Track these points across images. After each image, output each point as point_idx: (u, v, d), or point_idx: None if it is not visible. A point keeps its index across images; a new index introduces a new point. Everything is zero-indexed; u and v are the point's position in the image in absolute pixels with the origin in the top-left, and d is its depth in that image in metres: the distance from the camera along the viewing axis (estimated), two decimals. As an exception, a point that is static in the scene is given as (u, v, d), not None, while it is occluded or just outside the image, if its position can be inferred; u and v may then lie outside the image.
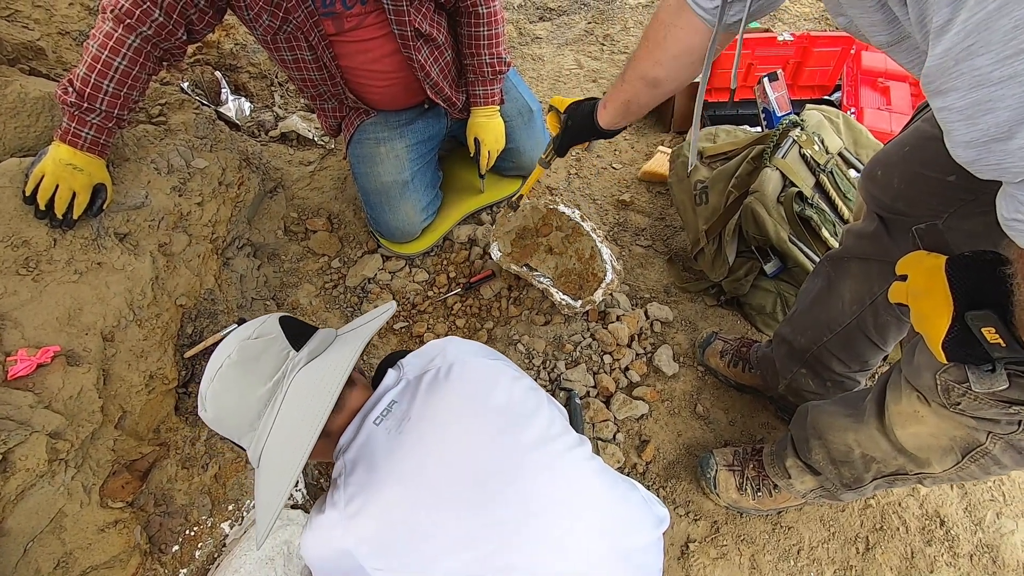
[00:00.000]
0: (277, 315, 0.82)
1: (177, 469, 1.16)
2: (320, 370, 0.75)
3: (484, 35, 1.51)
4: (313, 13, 1.30)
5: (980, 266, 0.62)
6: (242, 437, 0.76)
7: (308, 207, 1.83)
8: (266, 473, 0.73)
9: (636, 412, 1.38)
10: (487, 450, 0.75)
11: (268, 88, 2.19)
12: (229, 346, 0.77)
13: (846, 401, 1.01)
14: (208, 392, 0.75)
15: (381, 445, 0.74)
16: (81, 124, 1.19)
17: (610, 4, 2.80)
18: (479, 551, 0.69)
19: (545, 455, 0.77)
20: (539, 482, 0.75)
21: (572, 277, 1.52)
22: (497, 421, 0.78)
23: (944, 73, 0.43)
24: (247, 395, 0.74)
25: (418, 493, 0.71)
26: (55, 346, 1.09)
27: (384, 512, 0.71)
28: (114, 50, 1.18)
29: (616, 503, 0.81)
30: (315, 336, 0.80)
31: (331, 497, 0.74)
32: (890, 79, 1.95)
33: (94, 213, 1.23)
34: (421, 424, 0.75)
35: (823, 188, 1.44)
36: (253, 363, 0.74)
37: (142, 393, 1.19)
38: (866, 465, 0.96)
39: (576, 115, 1.17)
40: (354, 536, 0.70)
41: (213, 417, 0.76)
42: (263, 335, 0.77)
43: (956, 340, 0.63)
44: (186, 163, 1.52)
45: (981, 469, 0.80)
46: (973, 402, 0.71)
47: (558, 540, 0.73)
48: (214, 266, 1.52)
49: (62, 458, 1.00)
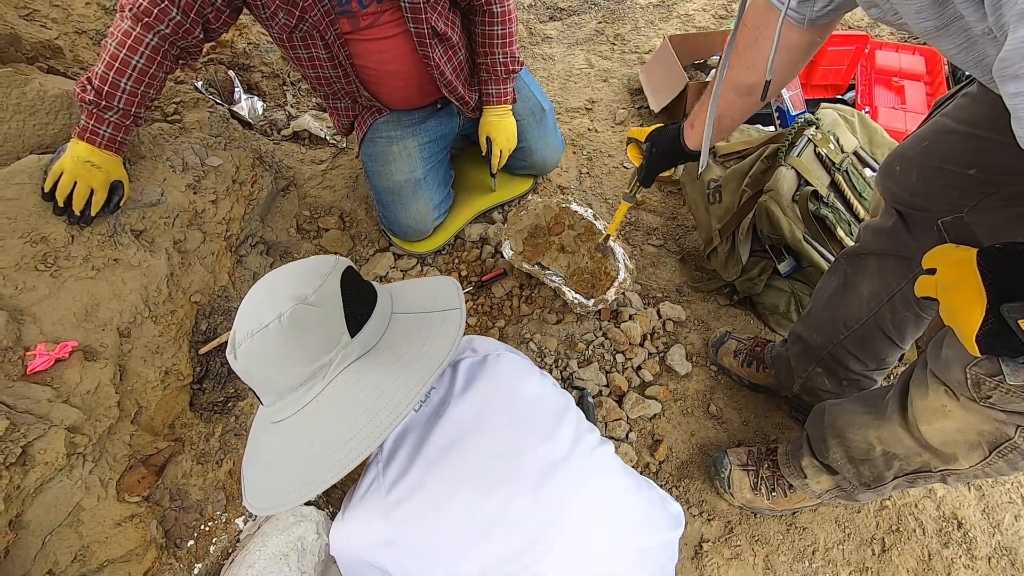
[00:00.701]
0: (340, 267, 0.72)
1: (192, 464, 1.17)
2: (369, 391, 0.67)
3: (498, 34, 1.51)
4: (329, 12, 1.30)
5: (1012, 257, 0.61)
6: (265, 395, 0.70)
7: (320, 205, 1.84)
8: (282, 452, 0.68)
9: (649, 411, 1.37)
10: (526, 440, 0.75)
11: (280, 87, 2.20)
12: (280, 295, 0.67)
13: (865, 399, 1.00)
14: (245, 345, 0.66)
15: (421, 431, 0.73)
16: (99, 122, 1.20)
17: (620, 4, 2.79)
18: (514, 542, 0.69)
19: (579, 450, 0.77)
20: (575, 477, 0.75)
21: (584, 276, 1.52)
22: (533, 413, 0.78)
23: None
24: (286, 369, 0.67)
25: (460, 480, 0.70)
26: (73, 341, 1.09)
27: (429, 499, 0.69)
28: (132, 48, 1.19)
29: (642, 504, 0.82)
30: (372, 318, 0.71)
31: (368, 486, 0.72)
32: (904, 78, 1.94)
33: (111, 210, 1.24)
34: (460, 411, 0.74)
35: (838, 187, 1.43)
36: (302, 336, 0.66)
37: (157, 389, 1.20)
38: (887, 463, 0.95)
39: (660, 141, 1.14)
40: (396, 524, 0.68)
41: (242, 368, 0.68)
42: (321, 304, 0.67)
43: (990, 332, 0.62)
44: (200, 161, 1.53)
45: (1009, 464, 0.79)
46: (1005, 395, 0.70)
47: (591, 538, 0.73)
48: (228, 263, 1.53)
49: (80, 452, 1.01)
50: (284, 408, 0.68)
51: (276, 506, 0.65)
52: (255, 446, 0.72)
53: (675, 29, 2.62)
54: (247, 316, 0.67)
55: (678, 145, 1.10)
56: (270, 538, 1.11)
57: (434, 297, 0.79)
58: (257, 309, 0.67)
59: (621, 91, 2.33)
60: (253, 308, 0.68)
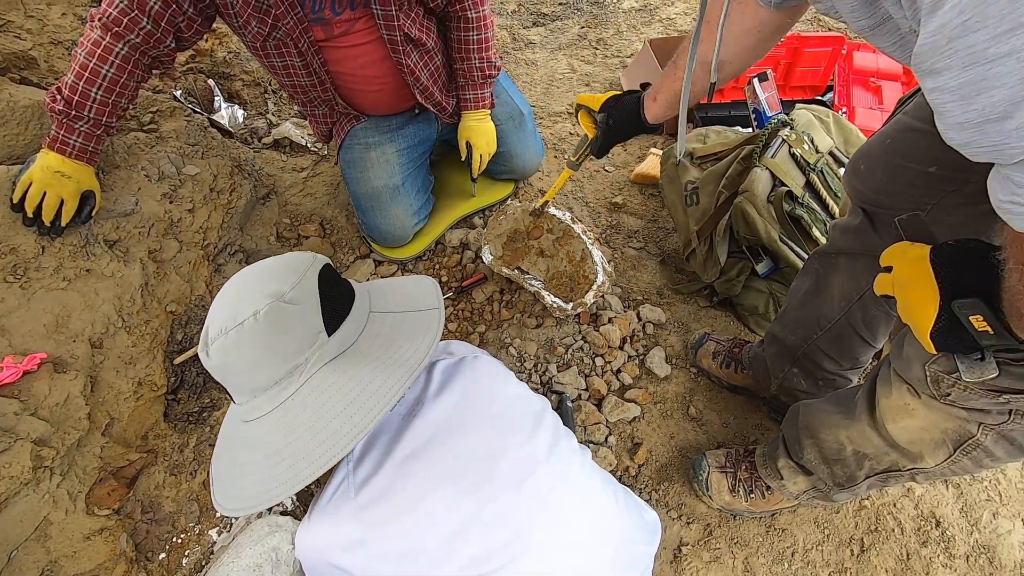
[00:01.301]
0: (318, 266, 0.71)
1: (165, 476, 1.16)
2: (346, 391, 0.66)
3: (474, 39, 1.51)
4: (302, 19, 1.30)
5: (964, 254, 0.62)
6: (237, 394, 0.69)
7: (301, 213, 1.83)
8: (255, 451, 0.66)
9: (628, 415, 1.37)
10: (503, 441, 0.74)
11: (261, 95, 2.20)
12: (257, 292, 0.65)
13: (837, 399, 1.00)
14: (219, 342, 0.64)
15: (393, 431, 0.72)
16: (69, 132, 1.19)
17: (603, 9, 2.81)
18: (490, 543, 0.68)
19: (557, 452, 0.77)
20: (552, 479, 0.74)
21: (563, 280, 1.51)
22: (510, 415, 0.78)
23: (937, 52, 0.42)
24: (259, 368, 0.65)
25: (434, 481, 0.69)
26: (42, 353, 1.08)
27: (402, 500, 0.67)
28: (102, 58, 1.18)
29: (620, 509, 0.82)
30: (350, 317, 0.70)
31: (337, 486, 0.70)
32: (882, 79, 1.95)
33: (82, 220, 1.23)
34: (435, 412, 0.73)
35: (813, 187, 1.44)
36: (279, 333, 0.64)
37: (130, 400, 1.19)
38: (858, 462, 0.95)
39: (617, 112, 1.11)
40: (367, 525, 0.67)
41: (215, 366, 0.66)
42: (299, 301, 0.66)
43: (944, 329, 0.62)
44: (177, 170, 1.52)
45: (974, 462, 0.79)
46: (963, 392, 0.70)
47: (569, 540, 0.72)
48: (205, 272, 1.52)
49: (47, 465, 1.00)
50: (257, 407, 0.67)
51: (247, 507, 0.64)
52: (225, 445, 0.71)
53: (657, 33, 2.64)
54: (221, 312, 0.66)
55: (637, 118, 1.07)
56: (244, 549, 1.10)
57: (413, 296, 0.79)
58: (231, 305, 0.65)
59: (603, 95, 2.33)
60: (227, 304, 0.66)
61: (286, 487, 0.63)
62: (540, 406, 0.85)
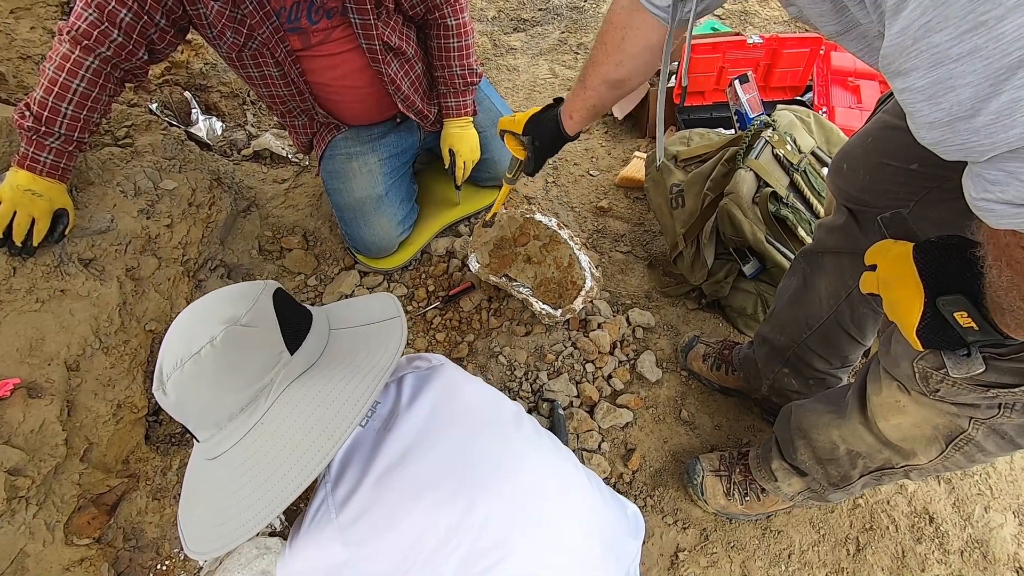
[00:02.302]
0: (271, 288, 0.69)
1: (148, 501, 1.12)
2: (317, 404, 0.64)
3: (454, 47, 1.50)
4: (278, 29, 1.28)
5: (947, 251, 0.62)
6: (201, 430, 0.65)
7: (283, 225, 1.80)
8: (226, 485, 0.63)
9: (621, 420, 1.36)
10: (481, 446, 0.73)
11: (240, 107, 2.16)
12: (210, 320, 0.63)
13: (828, 398, 1.00)
14: (175, 377, 0.61)
15: (369, 446, 0.70)
16: (40, 148, 1.16)
17: (583, 14, 2.81)
18: (476, 547, 0.67)
19: (537, 454, 0.77)
20: (535, 480, 0.74)
21: (551, 286, 1.50)
22: (486, 418, 0.77)
23: (903, 53, 0.42)
24: (224, 395, 0.63)
25: (416, 491, 0.67)
26: (15, 379, 1.05)
27: (384, 515, 0.66)
28: (72, 72, 1.15)
29: (604, 505, 0.82)
30: (310, 335, 0.69)
31: (317, 509, 0.68)
32: (860, 78, 1.97)
33: (55, 239, 1.20)
34: (410, 423, 0.72)
35: (797, 187, 1.44)
36: (239, 357, 0.62)
37: (109, 423, 1.15)
38: (852, 461, 0.95)
39: (541, 133, 1.16)
40: (352, 545, 0.65)
41: (174, 403, 0.63)
42: (256, 323, 0.64)
43: (929, 327, 0.62)
44: (154, 185, 1.49)
45: (966, 457, 0.79)
46: (952, 388, 0.70)
47: (556, 539, 0.72)
48: (186, 289, 1.48)
49: (22, 496, 0.96)
50: (224, 440, 0.64)
51: (224, 545, 0.61)
52: (192, 486, 0.67)
53: (637, 36, 2.64)
54: (173, 346, 0.63)
55: (559, 134, 1.13)
56: (232, 574, 1.07)
57: (371, 310, 0.78)
58: (184, 338, 0.63)
59: (585, 99, 2.33)
60: (180, 337, 0.63)
61: (268, 511, 0.60)
62: (515, 408, 0.85)
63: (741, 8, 2.72)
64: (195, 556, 0.63)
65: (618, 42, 0.91)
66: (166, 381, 0.62)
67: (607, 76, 0.97)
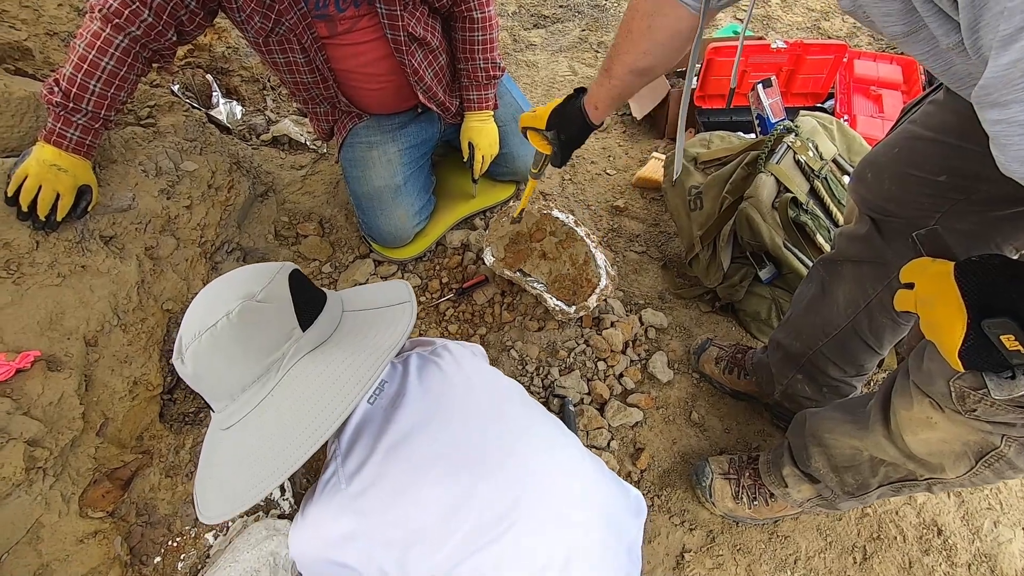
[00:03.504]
0: (287, 270, 0.73)
1: (160, 478, 1.13)
2: (325, 377, 0.68)
3: (479, 40, 1.50)
4: (306, 15, 1.28)
5: (990, 270, 0.61)
6: (216, 400, 0.69)
7: (299, 211, 1.81)
8: (237, 451, 0.66)
9: (631, 419, 1.36)
10: (487, 420, 0.75)
11: (260, 92, 2.17)
12: (227, 296, 0.67)
13: (846, 407, 0.99)
14: (193, 347, 0.65)
15: (378, 422, 0.73)
16: (67, 125, 1.17)
17: (604, 12, 2.81)
18: (486, 517, 0.68)
19: (541, 430, 0.79)
20: (539, 455, 0.76)
21: (566, 283, 1.50)
22: (491, 395, 0.80)
23: (1007, 85, 0.41)
24: (237, 366, 0.66)
25: (423, 465, 0.69)
26: (35, 351, 1.06)
27: (393, 487, 0.68)
28: (102, 50, 1.16)
29: (607, 482, 0.83)
30: (323, 314, 0.72)
31: (327, 480, 0.71)
32: (882, 87, 1.97)
33: (78, 215, 1.21)
34: (417, 400, 0.74)
35: (817, 194, 1.44)
36: (253, 331, 0.66)
37: (125, 399, 1.16)
38: (873, 469, 0.94)
39: (566, 126, 1.15)
40: (361, 515, 0.67)
41: (191, 373, 0.67)
42: (271, 300, 0.68)
43: (972, 348, 0.61)
44: (175, 166, 1.50)
45: (995, 473, 0.78)
46: (990, 408, 0.69)
47: (560, 513, 0.73)
48: (202, 270, 1.49)
49: (40, 466, 0.97)
50: (237, 410, 0.67)
51: (234, 509, 0.63)
52: (208, 456, 0.70)
53: (658, 37, 2.64)
54: (192, 320, 0.67)
55: (584, 124, 1.12)
56: (241, 553, 1.08)
57: (384, 295, 0.81)
58: (203, 312, 0.67)
59: (604, 98, 2.33)
60: (198, 312, 0.67)
61: (274, 476, 0.63)
62: (518, 387, 0.88)
63: (764, 13, 2.71)
64: (207, 521, 0.65)
65: (644, 30, 0.90)
66: (184, 351, 0.66)
67: (633, 65, 0.95)
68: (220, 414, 0.69)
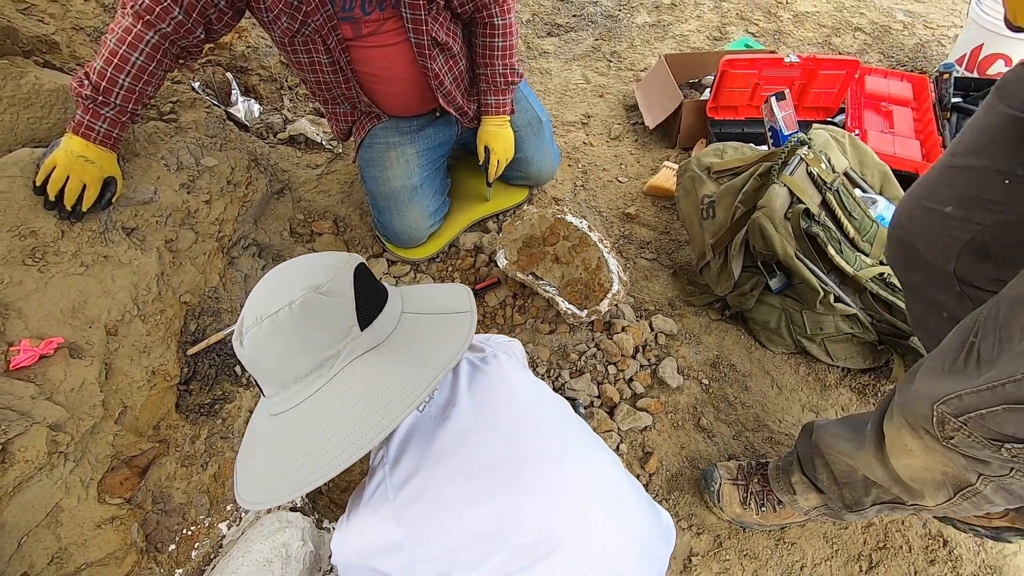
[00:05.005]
0: (353, 263, 0.72)
1: (176, 467, 1.15)
2: (378, 384, 0.67)
3: (499, 46, 1.53)
4: (332, 17, 1.31)
5: None
6: (267, 385, 0.70)
7: (314, 209, 1.83)
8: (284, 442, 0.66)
9: (640, 423, 1.37)
10: (535, 437, 0.75)
11: (277, 91, 2.20)
12: (292, 284, 0.67)
13: (852, 423, 1.00)
14: (253, 331, 0.65)
15: (428, 432, 0.72)
16: (95, 117, 1.19)
17: (617, 23, 2.84)
18: (527, 538, 0.68)
19: (584, 450, 0.79)
20: (583, 473, 0.76)
21: (578, 287, 1.52)
22: (541, 411, 0.79)
23: None
24: (292, 357, 0.66)
25: (470, 479, 0.69)
26: (59, 338, 1.07)
27: (439, 499, 0.68)
28: (132, 45, 1.18)
29: (644, 508, 0.83)
30: (382, 315, 0.72)
31: (375, 489, 0.70)
32: (893, 103, 1.99)
33: (103, 206, 1.23)
34: (467, 411, 0.74)
35: (829, 206, 1.45)
36: (313, 324, 0.66)
37: (144, 389, 1.17)
38: (866, 489, 0.95)
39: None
40: (407, 526, 0.67)
41: (248, 355, 0.67)
42: (335, 293, 0.67)
43: None
44: (195, 161, 1.52)
45: (973, 505, 0.79)
46: (967, 439, 0.69)
47: (601, 534, 0.72)
48: (219, 264, 1.51)
49: (62, 451, 0.98)
50: (287, 399, 0.67)
51: (271, 500, 0.64)
52: (252, 439, 0.71)
53: (670, 49, 2.67)
54: (256, 303, 0.67)
55: None
56: (254, 544, 1.09)
57: (445, 300, 0.80)
58: (267, 297, 0.67)
59: (616, 107, 2.36)
60: (262, 296, 0.68)
61: (313, 478, 0.62)
62: (562, 402, 0.88)
63: (775, 27, 2.74)
64: (245, 506, 0.65)
65: None
66: (244, 334, 0.66)
67: None
68: (270, 399, 0.69)
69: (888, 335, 1.43)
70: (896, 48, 2.62)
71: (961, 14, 2.80)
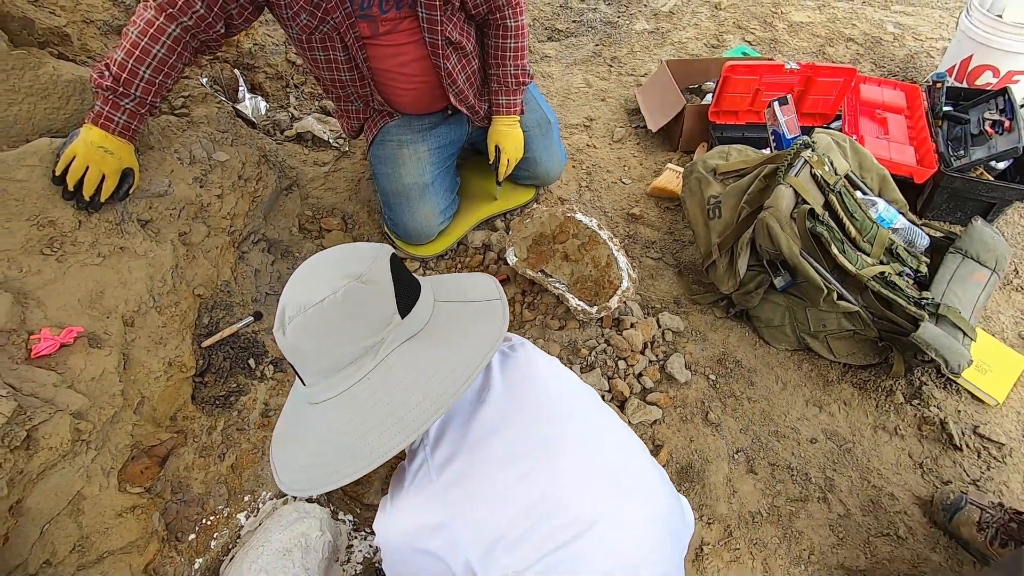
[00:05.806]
0: (387, 252, 0.73)
1: (194, 458, 1.15)
2: (422, 372, 0.68)
3: (511, 47, 1.55)
4: (351, 15, 1.33)
5: None
6: (308, 375, 0.70)
7: (322, 206, 1.84)
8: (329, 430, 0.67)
9: (650, 417, 1.40)
10: (567, 424, 0.76)
11: (283, 89, 2.21)
12: (332, 274, 0.67)
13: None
14: (297, 320, 0.65)
15: (465, 415, 0.73)
16: (115, 108, 1.19)
17: (616, 29, 2.89)
18: (564, 517, 0.69)
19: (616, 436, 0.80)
20: (616, 454, 0.77)
21: (588, 284, 1.55)
22: (574, 394, 0.81)
23: None
24: (339, 346, 0.67)
25: (509, 460, 0.70)
26: (78, 327, 1.07)
27: (479, 481, 0.69)
28: (154, 38, 1.19)
29: (669, 493, 0.84)
30: (420, 302, 0.73)
31: (416, 470, 0.71)
32: (887, 111, 2.05)
33: (120, 197, 1.23)
34: (501, 395, 0.75)
35: (831, 207, 1.50)
36: (357, 311, 0.66)
37: (161, 379, 1.18)
38: None
39: None
40: (450, 507, 0.68)
41: (290, 345, 0.67)
42: (374, 281, 0.68)
43: None
44: (208, 155, 1.52)
45: None
46: None
47: (631, 515, 0.73)
48: (231, 258, 1.51)
49: (84, 439, 0.98)
50: (329, 387, 0.68)
51: (320, 486, 0.65)
52: (289, 425, 0.71)
53: (669, 55, 2.72)
54: (297, 293, 0.67)
55: None
56: (273, 534, 1.09)
57: (474, 288, 0.81)
58: (308, 286, 0.67)
59: (618, 110, 2.40)
60: (302, 286, 0.68)
61: (366, 463, 0.63)
62: (591, 389, 0.90)
63: (771, 36, 2.81)
64: (289, 492, 0.66)
65: None
66: (287, 323, 0.66)
67: None
68: (310, 388, 0.70)
69: (888, 332, 1.47)
70: (887, 58, 2.70)
71: (948, 27, 2.90)
